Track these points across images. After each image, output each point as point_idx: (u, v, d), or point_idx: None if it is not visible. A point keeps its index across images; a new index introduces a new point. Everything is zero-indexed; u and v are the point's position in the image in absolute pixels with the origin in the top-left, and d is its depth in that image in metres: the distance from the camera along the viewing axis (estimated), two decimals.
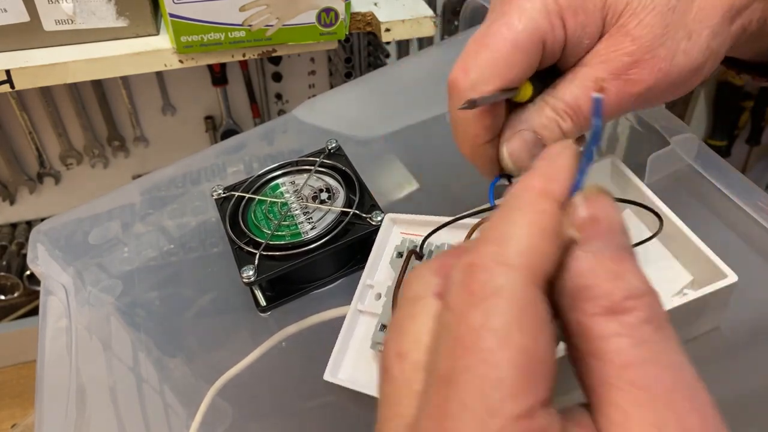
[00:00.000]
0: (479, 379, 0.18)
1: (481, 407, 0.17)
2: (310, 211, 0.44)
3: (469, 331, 0.18)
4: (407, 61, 0.79)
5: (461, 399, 0.18)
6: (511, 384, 0.18)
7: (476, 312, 0.18)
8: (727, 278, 0.34)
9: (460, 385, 0.18)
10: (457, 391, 0.18)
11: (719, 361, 0.37)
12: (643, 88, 0.31)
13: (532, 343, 0.18)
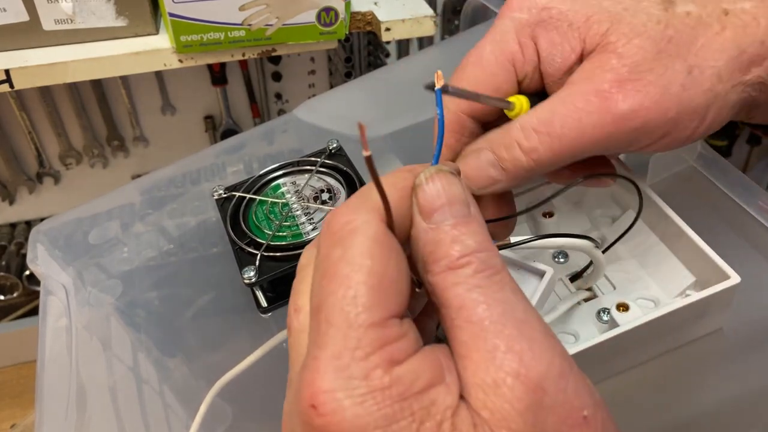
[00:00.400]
0: (339, 299, 0.21)
1: (342, 322, 0.21)
2: (312, 211, 0.44)
3: (331, 264, 0.22)
4: (407, 61, 0.79)
5: (327, 318, 0.21)
6: (365, 300, 0.21)
7: (336, 248, 0.22)
8: (730, 279, 0.34)
9: (327, 308, 0.21)
10: (325, 313, 0.21)
11: (722, 362, 0.37)
12: (626, 110, 0.28)
13: (381, 268, 0.22)
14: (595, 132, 0.29)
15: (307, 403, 0.20)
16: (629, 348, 0.34)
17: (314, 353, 0.21)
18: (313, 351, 0.21)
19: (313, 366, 0.21)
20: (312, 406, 0.20)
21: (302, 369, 0.22)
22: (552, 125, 0.29)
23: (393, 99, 0.60)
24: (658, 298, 0.37)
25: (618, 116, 0.28)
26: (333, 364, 0.21)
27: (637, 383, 0.36)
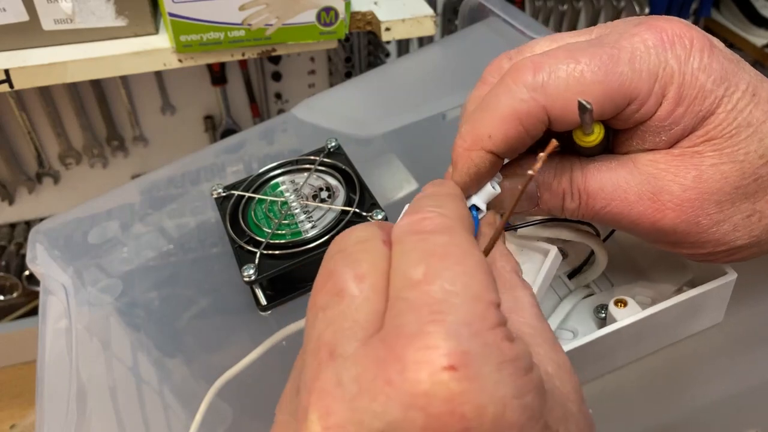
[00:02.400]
0: (460, 274, 0.21)
1: (467, 293, 0.20)
2: (311, 209, 0.44)
3: (438, 246, 0.22)
4: (407, 60, 0.79)
5: (446, 289, 0.20)
6: (483, 280, 0.21)
7: (441, 234, 0.22)
8: (727, 275, 0.34)
9: (443, 280, 0.21)
10: (442, 284, 0.20)
11: (719, 357, 0.37)
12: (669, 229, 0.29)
13: (482, 259, 0.22)
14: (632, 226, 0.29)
15: (443, 363, 0.19)
16: (627, 344, 0.35)
17: (432, 318, 0.20)
18: (427, 317, 0.20)
19: (436, 330, 0.19)
20: (451, 367, 0.18)
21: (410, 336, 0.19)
22: (599, 199, 0.29)
23: (392, 98, 0.60)
24: (656, 294, 0.37)
25: (659, 229, 0.29)
26: (467, 329, 0.19)
27: (635, 379, 0.36)
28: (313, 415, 0.20)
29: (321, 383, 0.20)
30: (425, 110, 0.56)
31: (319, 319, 0.22)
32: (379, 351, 0.20)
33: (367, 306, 0.22)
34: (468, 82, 0.59)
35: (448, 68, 0.63)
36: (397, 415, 0.19)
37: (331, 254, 0.24)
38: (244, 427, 0.38)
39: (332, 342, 0.21)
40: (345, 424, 0.19)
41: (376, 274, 0.22)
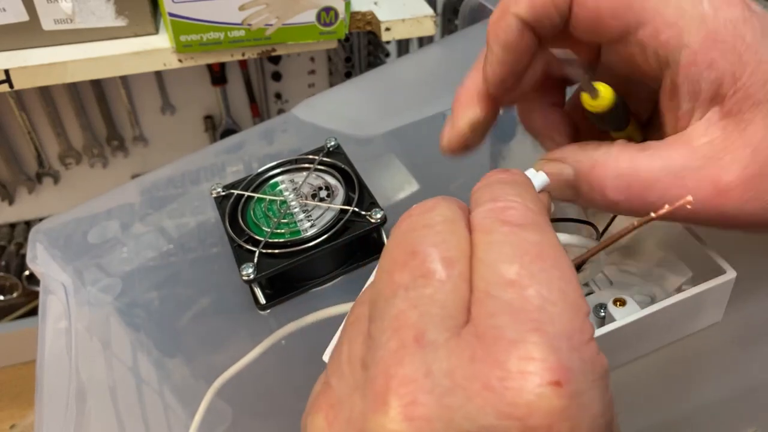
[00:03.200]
0: (557, 280, 0.20)
1: (565, 303, 0.20)
2: (310, 209, 0.44)
3: (533, 244, 0.21)
4: (407, 60, 0.79)
5: (544, 295, 0.20)
6: (577, 287, 0.21)
7: (533, 232, 0.22)
8: (726, 274, 0.34)
9: (540, 285, 0.20)
10: (539, 288, 0.20)
11: (719, 357, 0.37)
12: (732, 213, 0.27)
13: (572, 264, 0.22)
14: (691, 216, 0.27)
15: (548, 378, 0.18)
16: (626, 343, 0.35)
17: (532, 326, 0.19)
18: (527, 324, 0.19)
19: (543, 341, 0.19)
20: (556, 383, 0.18)
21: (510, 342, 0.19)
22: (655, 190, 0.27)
23: (392, 98, 0.60)
24: (655, 293, 0.37)
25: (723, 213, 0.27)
26: (567, 343, 0.19)
27: (634, 378, 0.36)
28: (395, 402, 0.19)
29: (406, 370, 0.19)
30: (425, 110, 0.56)
31: (400, 297, 0.21)
32: (476, 349, 0.19)
33: (456, 294, 0.21)
34: None
35: (448, 68, 0.63)
36: (492, 422, 0.18)
37: (410, 228, 0.23)
38: (244, 427, 0.39)
39: (419, 326, 0.20)
40: (433, 418, 0.19)
41: (463, 260, 0.21)
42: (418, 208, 0.24)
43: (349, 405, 0.20)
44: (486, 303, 0.20)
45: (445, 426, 0.18)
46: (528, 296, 0.20)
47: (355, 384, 0.21)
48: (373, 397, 0.19)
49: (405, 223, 0.23)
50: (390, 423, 0.19)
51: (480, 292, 0.20)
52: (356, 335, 0.22)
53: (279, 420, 0.39)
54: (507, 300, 0.20)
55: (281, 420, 0.39)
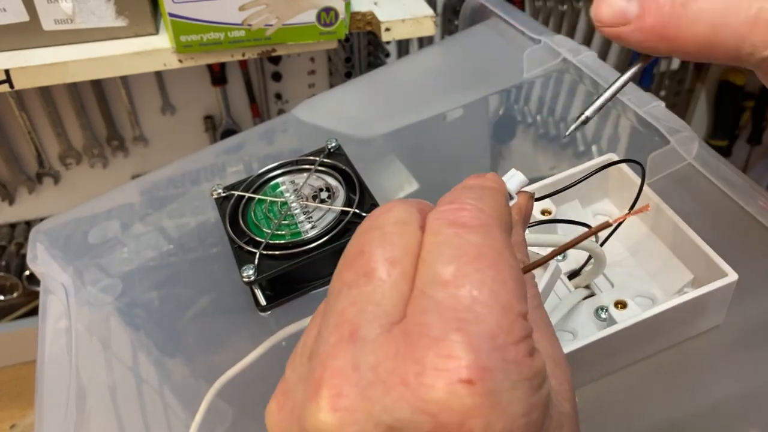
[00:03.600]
0: (490, 281, 0.21)
1: (495, 303, 0.20)
2: (310, 210, 0.44)
3: (473, 246, 0.21)
4: (407, 60, 0.79)
5: (475, 296, 0.20)
6: (514, 289, 0.21)
7: (476, 234, 0.22)
8: (728, 276, 0.34)
9: (474, 285, 0.20)
10: (471, 289, 0.20)
11: (720, 359, 0.37)
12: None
13: (516, 263, 0.22)
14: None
15: (461, 376, 0.19)
16: (627, 345, 0.35)
17: (457, 326, 0.20)
18: (452, 323, 0.20)
19: (463, 340, 0.19)
20: (468, 381, 0.19)
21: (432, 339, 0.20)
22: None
23: (393, 98, 0.60)
24: (656, 296, 0.37)
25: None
26: (490, 343, 0.19)
27: (635, 381, 0.36)
28: (324, 392, 0.20)
29: (338, 362, 0.20)
30: (426, 111, 0.56)
31: (344, 294, 0.22)
32: (400, 345, 0.20)
33: (395, 292, 0.22)
34: (468, 82, 0.59)
35: (448, 69, 0.63)
36: (405, 415, 0.19)
37: (365, 229, 0.24)
38: (244, 427, 0.38)
39: (355, 321, 0.21)
40: (355, 409, 0.20)
41: (407, 260, 0.22)
42: (377, 211, 0.25)
43: (294, 394, 0.22)
44: (419, 301, 0.21)
45: (366, 417, 0.19)
46: (459, 296, 0.20)
47: (301, 375, 0.22)
48: (311, 387, 0.21)
49: (362, 225, 0.24)
50: (319, 412, 0.20)
51: (417, 290, 0.21)
52: (312, 329, 0.24)
53: None
54: (439, 299, 0.20)
55: None
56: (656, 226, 0.39)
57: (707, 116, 1.41)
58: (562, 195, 0.42)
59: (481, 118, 0.58)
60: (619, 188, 0.42)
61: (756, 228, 0.40)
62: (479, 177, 0.27)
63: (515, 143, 0.57)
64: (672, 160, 0.45)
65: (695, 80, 1.35)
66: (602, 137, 0.54)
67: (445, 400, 0.19)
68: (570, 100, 0.57)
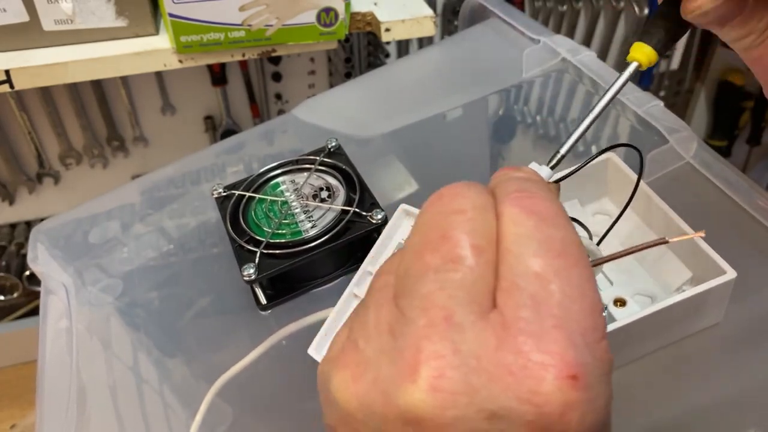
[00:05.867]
0: (576, 277, 0.22)
1: (584, 300, 0.21)
2: (311, 209, 0.44)
3: (557, 241, 0.22)
4: (407, 61, 0.79)
5: (566, 292, 0.21)
6: (594, 286, 0.22)
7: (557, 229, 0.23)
8: (726, 274, 0.34)
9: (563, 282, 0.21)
10: (562, 285, 0.21)
11: (719, 357, 0.37)
12: None
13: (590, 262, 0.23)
14: None
15: (566, 372, 0.20)
16: (626, 343, 0.35)
17: (554, 322, 0.21)
18: (549, 320, 0.21)
19: (559, 337, 0.20)
20: (572, 377, 0.20)
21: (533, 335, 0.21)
22: None
23: (392, 98, 0.60)
24: (655, 294, 0.38)
25: None
26: (583, 340, 0.21)
27: (634, 378, 0.36)
28: (425, 373, 0.20)
29: (436, 346, 0.21)
30: (425, 111, 0.56)
31: (430, 278, 0.22)
32: (502, 337, 0.21)
33: (483, 280, 0.22)
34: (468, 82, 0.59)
35: (448, 69, 0.63)
36: (511, 404, 0.20)
37: (446, 212, 0.24)
38: (244, 427, 0.39)
39: (448, 307, 0.21)
40: (457, 392, 0.20)
41: (491, 248, 0.23)
42: (449, 191, 0.24)
43: (376, 367, 0.22)
44: (512, 293, 0.22)
45: (468, 401, 0.20)
46: (552, 291, 0.21)
47: (382, 348, 0.22)
48: (403, 365, 0.21)
49: (436, 204, 0.24)
50: (418, 391, 0.20)
51: (506, 281, 0.22)
52: (383, 302, 0.24)
53: (279, 420, 0.39)
54: (532, 292, 0.21)
55: (282, 420, 0.39)
56: (655, 224, 0.39)
57: (707, 116, 1.41)
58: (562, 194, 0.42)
59: (480, 118, 0.58)
60: (618, 187, 0.42)
61: (754, 226, 0.40)
62: (517, 169, 0.27)
63: (515, 143, 0.57)
64: (671, 159, 0.45)
65: (695, 80, 1.35)
66: (602, 137, 0.54)
67: (551, 393, 0.20)
68: (569, 100, 0.57)
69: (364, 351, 0.23)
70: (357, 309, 0.25)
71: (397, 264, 0.24)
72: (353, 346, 0.23)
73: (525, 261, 0.22)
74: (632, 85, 0.50)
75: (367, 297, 0.25)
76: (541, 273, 0.22)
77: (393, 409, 0.21)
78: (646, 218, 0.40)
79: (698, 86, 1.37)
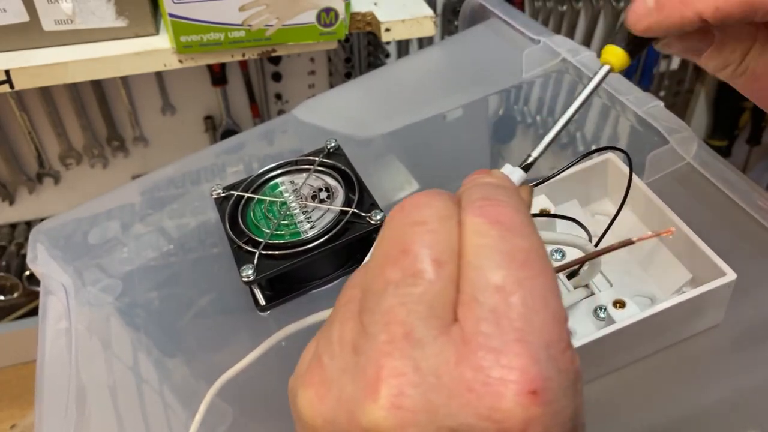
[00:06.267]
0: (540, 287, 0.21)
1: (546, 311, 0.21)
2: (310, 210, 0.44)
3: (520, 250, 0.22)
4: (407, 61, 0.79)
5: (528, 303, 0.21)
6: (558, 295, 0.22)
7: (521, 238, 0.22)
8: (726, 276, 0.34)
9: (526, 293, 0.21)
10: (524, 296, 0.21)
11: (719, 359, 0.37)
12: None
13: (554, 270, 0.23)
14: None
15: (527, 388, 0.20)
16: (626, 345, 0.35)
17: (515, 336, 0.20)
18: (510, 334, 0.20)
19: (524, 352, 0.20)
20: (532, 392, 0.20)
21: (494, 350, 0.20)
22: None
23: (392, 99, 0.60)
24: (655, 295, 0.38)
25: None
26: (546, 353, 0.20)
27: (633, 380, 0.36)
28: (384, 391, 0.20)
29: (396, 362, 0.21)
30: (425, 111, 0.56)
31: (390, 293, 0.22)
32: (462, 353, 0.21)
33: (444, 295, 0.22)
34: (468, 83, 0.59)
35: (448, 69, 0.63)
36: (471, 421, 0.20)
37: (407, 223, 0.23)
38: (244, 427, 0.39)
39: (407, 323, 0.21)
40: (417, 410, 0.20)
41: (452, 261, 0.22)
42: (411, 202, 0.24)
43: (339, 385, 0.22)
44: (473, 308, 0.21)
45: (428, 419, 0.20)
46: (513, 303, 0.21)
47: (345, 366, 0.22)
48: (364, 383, 0.21)
49: (398, 216, 0.24)
50: (379, 410, 0.20)
51: (467, 295, 0.21)
52: (348, 317, 0.23)
53: (279, 421, 0.39)
54: (492, 306, 0.21)
55: (281, 421, 0.39)
56: (654, 225, 0.39)
57: (707, 116, 1.41)
58: (561, 194, 0.43)
59: (480, 118, 0.58)
60: (618, 188, 0.42)
61: (754, 227, 0.40)
62: (487, 173, 0.27)
63: (515, 143, 0.57)
64: (671, 159, 0.45)
65: (695, 80, 1.35)
66: (601, 137, 0.54)
67: (511, 410, 0.20)
68: (569, 100, 0.57)
69: (328, 368, 0.23)
70: (325, 324, 0.25)
71: (362, 278, 0.24)
72: (318, 363, 0.23)
73: (485, 273, 0.22)
74: (632, 86, 0.50)
75: (333, 312, 0.25)
76: (502, 285, 0.21)
77: (356, 427, 0.21)
78: (646, 219, 0.40)
79: (698, 86, 1.37)
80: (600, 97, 0.52)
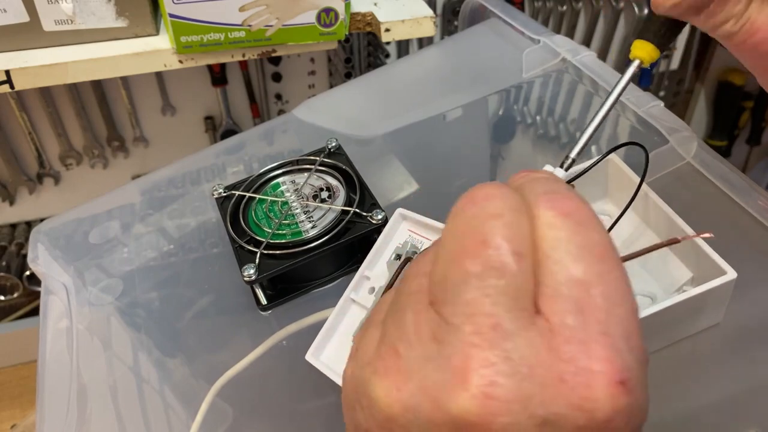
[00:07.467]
0: (614, 280, 0.22)
1: (622, 302, 0.22)
2: (311, 209, 0.44)
3: (595, 244, 0.22)
4: (407, 61, 0.79)
5: (609, 296, 0.21)
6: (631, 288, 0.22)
7: (591, 230, 0.23)
8: (727, 275, 0.34)
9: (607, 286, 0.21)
10: (605, 289, 0.21)
11: (719, 357, 0.37)
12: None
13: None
14: None
15: (615, 379, 0.20)
16: None
17: (600, 329, 0.21)
18: (595, 326, 0.21)
19: (606, 344, 0.21)
20: (621, 382, 0.20)
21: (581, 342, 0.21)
22: None
23: (393, 98, 0.60)
24: (656, 294, 0.38)
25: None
26: (627, 344, 0.21)
27: None
28: (475, 380, 0.21)
29: (485, 353, 0.21)
30: (425, 111, 0.56)
31: (473, 285, 0.22)
32: (551, 344, 0.21)
33: (526, 287, 0.22)
34: (468, 83, 0.59)
35: (448, 69, 0.63)
36: (562, 410, 0.20)
37: (482, 215, 0.23)
38: (244, 427, 0.39)
39: (494, 314, 0.21)
40: (510, 399, 0.20)
41: (530, 253, 0.23)
42: (482, 193, 0.24)
43: (422, 374, 0.22)
44: (557, 300, 0.22)
45: (520, 408, 0.20)
46: (594, 296, 0.21)
47: (427, 355, 0.22)
48: (452, 373, 0.21)
49: (470, 208, 0.24)
50: (471, 399, 0.20)
51: (548, 287, 0.22)
52: (420, 307, 0.23)
53: (279, 420, 0.39)
54: (576, 298, 0.21)
55: (282, 420, 0.39)
56: (655, 224, 0.39)
57: (706, 116, 1.41)
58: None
59: (480, 118, 0.58)
60: (619, 188, 0.42)
61: (754, 226, 0.40)
62: (536, 171, 0.27)
63: (515, 143, 0.57)
64: (671, 159, 0.45)
65: (695, 80, 1.35)
66: (602, 137, 0.54)
67: (602, 400, 0.20)
68: (569, 100, 0.57)
69: (405, 357, 0.23)
70: (391, 312, 0.25)
71: (431, 267, 0.24)
72: (392, 352, 0.23)
73: (566, 266, 0.22)
74: (632, 86, 0.50)
75: (401, 299, 0.25)
76: (584, 278, 0.22)
77: (443, 415, 0.21)
78: (646, 219, 0.40)
79: (698, 86, 1.37)
80: (600, 97, 0.52)
